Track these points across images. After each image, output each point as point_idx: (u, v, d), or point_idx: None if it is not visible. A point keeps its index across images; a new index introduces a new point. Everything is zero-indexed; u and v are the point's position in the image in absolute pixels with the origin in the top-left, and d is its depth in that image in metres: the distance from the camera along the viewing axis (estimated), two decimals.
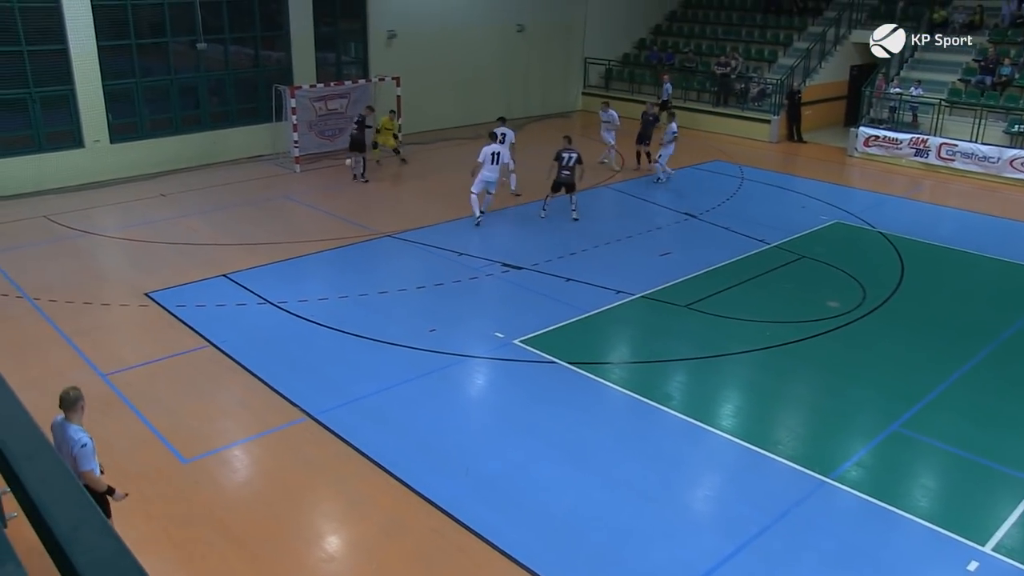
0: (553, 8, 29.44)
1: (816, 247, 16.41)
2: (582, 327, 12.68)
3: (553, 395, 10.68)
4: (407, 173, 21.45)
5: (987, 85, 23.79)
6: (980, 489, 9.05)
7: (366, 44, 25.07)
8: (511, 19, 28.33)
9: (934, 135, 23.23)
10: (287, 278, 14.34)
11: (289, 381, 10.86)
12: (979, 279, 15.44)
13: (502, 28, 28.16)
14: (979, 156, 22.15)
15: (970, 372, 11.59)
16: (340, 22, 24.65)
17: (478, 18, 27.33)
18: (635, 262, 15.44)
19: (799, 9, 30.44)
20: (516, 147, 19.25)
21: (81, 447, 6.83)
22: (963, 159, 22.47)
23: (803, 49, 27.80)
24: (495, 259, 15.33)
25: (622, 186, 20.68)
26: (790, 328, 12.73)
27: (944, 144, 22.80)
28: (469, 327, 12.65)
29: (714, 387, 11.19)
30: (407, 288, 13.98)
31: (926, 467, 9.55)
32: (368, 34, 24.95)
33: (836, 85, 28.56)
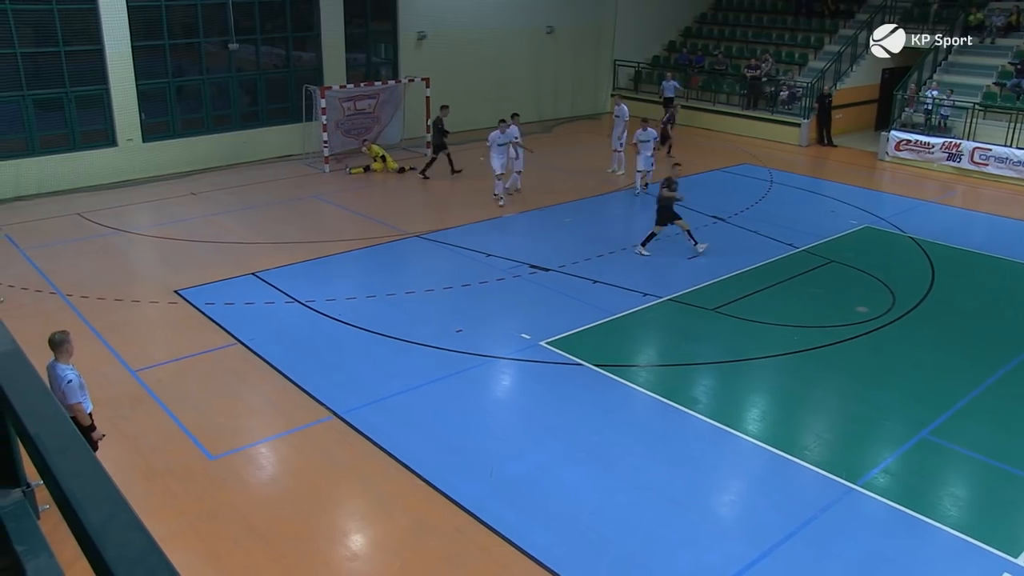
0: (582, 11, 29.42)
1: (845, 251, 16.27)
2: (608, 329, 12.65)
3: (579, 397, 10.66)
4: (435, 174, 21.51)
5: (1023, 89, 23.46)
6: (1012, 499, 8.91)
7: (396, 45, 25.19)
8: (541, 21, 28.35)
9: (967, 139, 22.95)
10: (315, 277, 14.43)
11: (316, 380, 10.92)
12: (1011, 286, 15.23)
13: (532, 30, 28.19)
14: (1014, 161, 21.86)
15: (1001, 380, 11.43)
16: (370, 23, 24.78)
17: (508, 20, 27.38)
18: (662, 265, 15.39)
19: (830, 12, 30.21)
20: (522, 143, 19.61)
21: (67, 383, 7.79)
22: (997, 164, 22.19)
23: (834, 52, 27.59)
24: (522, 260, 15.33)
25: (650, 188, 20.59)
26: (818, 333, 12.62)
27: (977, 148, 22.52)
28: (496, 328, 12.66)
29: (741, 391, 11.12)
30: (434, 288, 14.02)
31: (955, 475, 9.43)
32: (398, 35, 25.07)
33: (867, 89, 28.31)
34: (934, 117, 24.16)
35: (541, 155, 22.91)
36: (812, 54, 29.04)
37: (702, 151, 24.56)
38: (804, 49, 29.45)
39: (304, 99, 22.38)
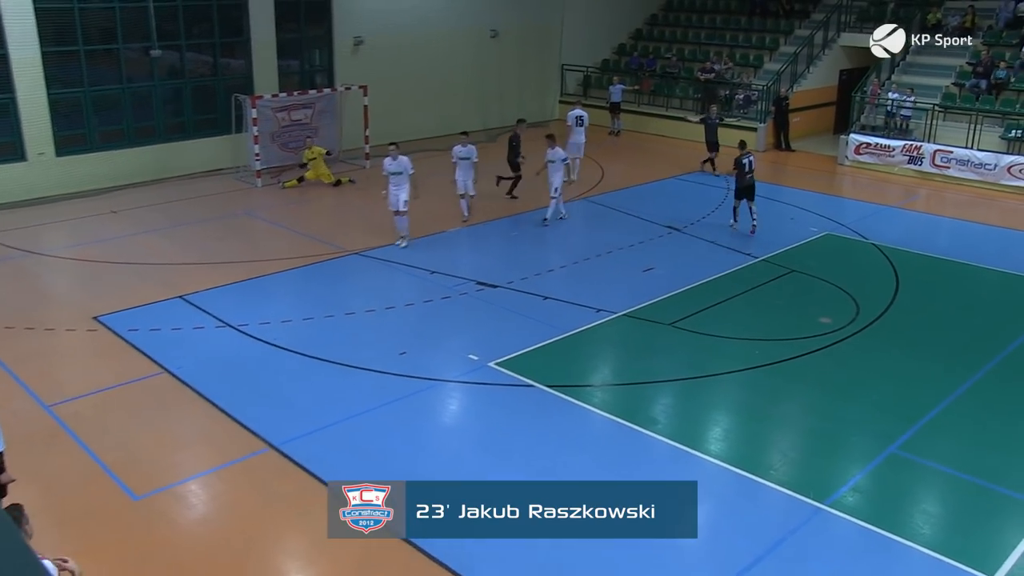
0: (528, 13, 29.56)
1: (806, 260, 16.47)
2: (561, 348, 12.63)
3: (531, 420, 10.60)
4: (376, 187, 21.34)
5: (982, 89, 24.06)
6: (986, 515, 9.04)
7: (331, 51, 25.04)
8: (485, 24, 28.42)
9: (928, 142, 23.45)
10: (248, 299, 14.21)
11: (250, 409, 10.71)
12: (978, 291, 15.54)
13: (475, 33, 28.23)
14: (975, 163, 22.37)
15: (971, 390, 11.62)
16: (304, 28, 24.60)
17: (450, 23, 27.38)
18: (616, 278, 15.43)
19: (786, 12, 30.74)
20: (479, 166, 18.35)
21: None
22: (959, 166, 22.69)
23: (790, 53, 28.05)
24: (469, 277, 15.27)
25: (601, 198, 20.70)
26: (780, 346, 12.73)
27: (939, 151, 23.02)
28: (442, 349, 12.57)
29: (702, 409, 11.15)
30: (375, 309, 13.89)
31: (927, 491, 9.54)
32: (333, 41, 24.92)
33: (825, 91, 28.82)
34: (895, 119, 24.67)
35: (486, 165, 22.88)
36: (767, 56, 29.49)
37: (655, 158, 24.75)
38: (759, 51, 29.91)
39: (234, 109, 22.10)
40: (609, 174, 22.91)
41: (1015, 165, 21.81)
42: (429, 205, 19.10)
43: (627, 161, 24.37)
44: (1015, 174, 21.81)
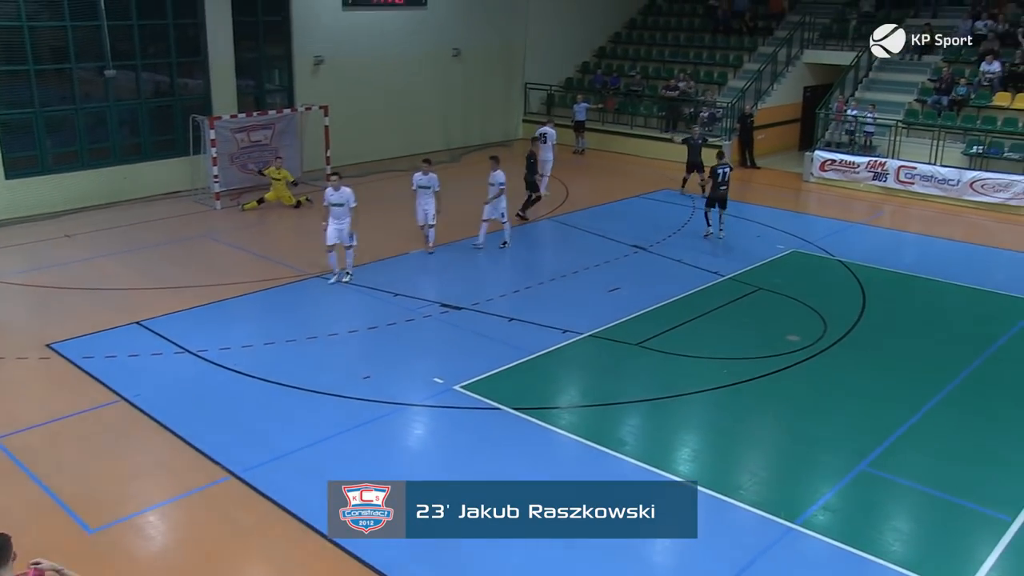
0: (491, 32, 29.72)
1: (773, 278, 16.63)
2: (527, 370, 12.64)
3: (498, 443, 10.59)
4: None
5: (943, 106, 24.52)
6: (955, 530, 9.15)
7: (291, 71, 25.00)
8: (447, 44, 28.53)
9: (892, 158, 23.84)
10: (208, 324, 14.10)
11: (211, 437, 10.61)
12: (944, 307, 15.77)
13: (437, 53, 28.32)
14: (939, 179, 22.75)
15: (939, 405, 11.78)
16: (263, 47, 24.57)
17: (411, 43, 27.46)
18: (582, 299, 15.48)
19: (749, 29, 31.18)
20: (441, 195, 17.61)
21: None
22: (923, 182, 23.06)
23: (754, 71, 28.44)
24: (432, 299, 15.26)
25: (565, 218, 20.80)
26: (748, 365, 12.83)
27: (903, 167, 23.40)
28: (406, 373, 12.54)
29: (670, 430, 11.20)
30: (338, 332, 13.83)
31: (898, 509, 9.64)
32: (293, 60, 24.89)
33: (789, 108, 29.23)
34: (859, 135, 25.05)
35: (449, 186, 22.93)
36: (731, 73, 29.87)
37: (620, 177, 24.92)
38: (723, 68, 30.28)
39: (191, 130, 21.98)
40: (574, 193, 23.03)
41: (977, 180, 22.22)
42: (392, 226, 19.11)
43: (592, 180, 24.51)
44: (978, 189, 22.21)
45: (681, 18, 33.65)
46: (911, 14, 28.53)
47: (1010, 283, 16.72)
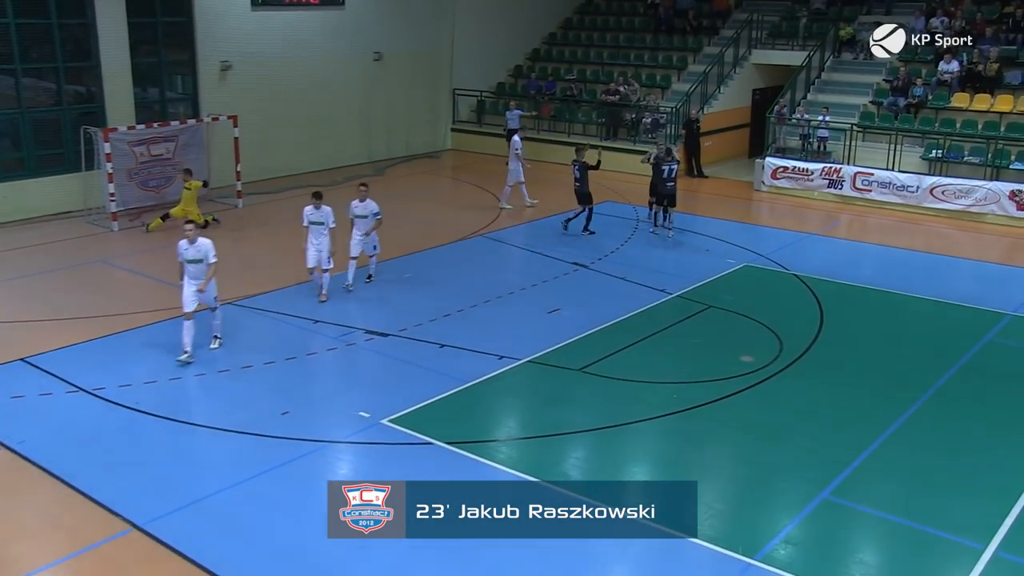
0: (415, 34, 29.81)
1: (724, 295, 16.85)
2: (461, 400, 12.61)
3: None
4: (250, 228, 21.11)
5: (900, 107, 25.17)
6: (925, 561, 9.30)
7: (195, 77, 24.79)
8: (367, 47, 28.52)
9: (848, 164, 24.36)
10: (105, 359, 13.84)
11: (109, 485, 10.36)
12: (906, 322, 16.10)
13: (357, 57, 28.30)
14: (897, 185, 23.32)
15: (904, 427, 12.00)
16: (163, 51, 24.31)
17: (328, 46, 27.41)
18: (519, 322, 15.53)
19: (693, 29, 31.66)
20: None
21: None
22: (880, 189, 23.62)
23: (699, 73, 28.88)
24: (357, 326, 15.17)
25: (500, 234, 20.87)
26: (700, 388, 12.95)
27: (859, 173, 23.93)
28: (329, 407, 12.46)
29: (618, 462, 11.24)
30: (253, 365, 13.66)
31: (862, 539, 9.77)
32: (197, 65, 24.68)
33: (738, 112, 29.75)
34: (812, 141, 25.55)
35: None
36: (675, 75, 30.32)
37: (557, 189, 25.02)
38: (666, 70, 30.71)
39: (83, 143, 21.61)
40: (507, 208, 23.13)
41: (937, 186, 22.83)
42: None
43: (527, 193, 24.61)
44: (938, 196, 22.81)
45: (620, 17, 34.07)
46: (864, 11, 29.31)
47: (974, 294, 17.16)
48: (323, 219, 15.84)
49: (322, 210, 15.86)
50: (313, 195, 16.10)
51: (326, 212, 15.85)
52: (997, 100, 24.50)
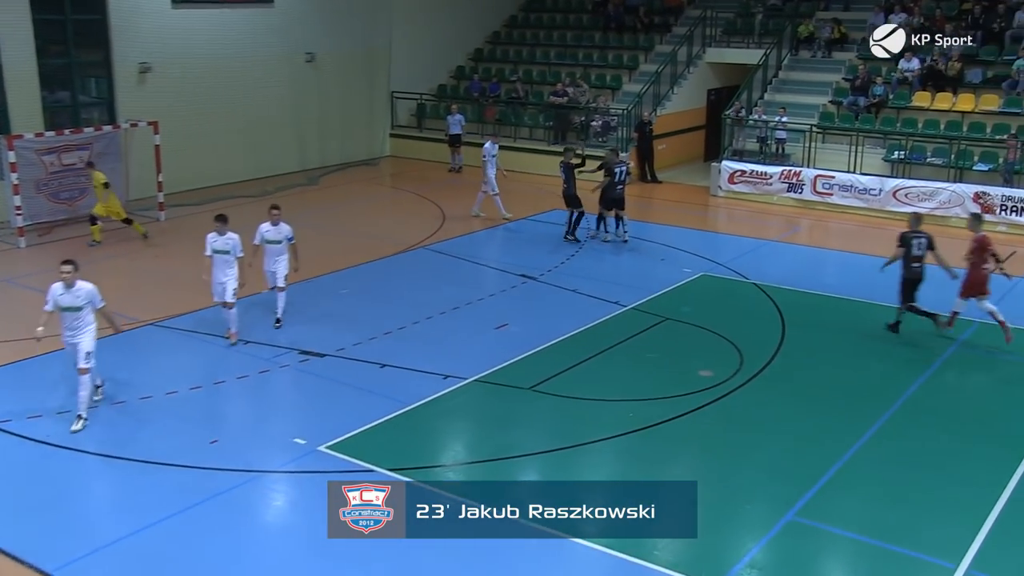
0: (350, 34, 29.72)
1: (681, 306, 16.94)
2: (405, 424, 12.53)
3: None
4: (173, 243, 20.81)
5: (860, 107, 25.53)
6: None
7: (111, 80, 24.49)
8: (298, 47, 28.39)
9: (808, 167, 24.65)
10: (11, 388, 13.62)
11: (13, 529, 10.12)
12: (872, 331, 16.23)
13: (288, 58, 28.16)
14: (859, 188, 23.63)
15: (871, 442, 12.10)
16: (74, 52, 23.98)
17: (256, 47, 27.23)
18: (465, 339, 15.49)
19: (644, 26, 31.89)
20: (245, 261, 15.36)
21: None
22: (842, 193, 23.92)
23: (651, 72, 29.07)
24: (290, 346, 15.03)
25: (443, 246, 20.81)
26: (657, 406, 12.98)
27: (820, 176, 24.22)
28: (262, 434, 12.33)
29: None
30: (178, 390, 13.47)
31: (831, 561, 9.85)
32: (113, 67, 24.38)
33: (692, 113, 30.01)
34: (770, 142, 25.81)
35: (307, 213, 22.75)
36: (626, 76, 30.52)
37: (503, 197, 25.05)
38: (616, 70, 30.91)
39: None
40: (451, 218, 23.10)
41: (900, 189, 23.17)
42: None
43: (468, 201, 24.56)
44: (901, 199, 23.13)
45: (568, 15, 34.27)
46: (821, 7, 29.74)
47: (940, 301, 17.35)
48: (228, 247, 14.77)
49: (228, 237, 14.79)
50: (216, 218, 14.98)
51: (232, 240, 14.79)
52: (959, 99, 24.97)
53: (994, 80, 25.07)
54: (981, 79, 25.19)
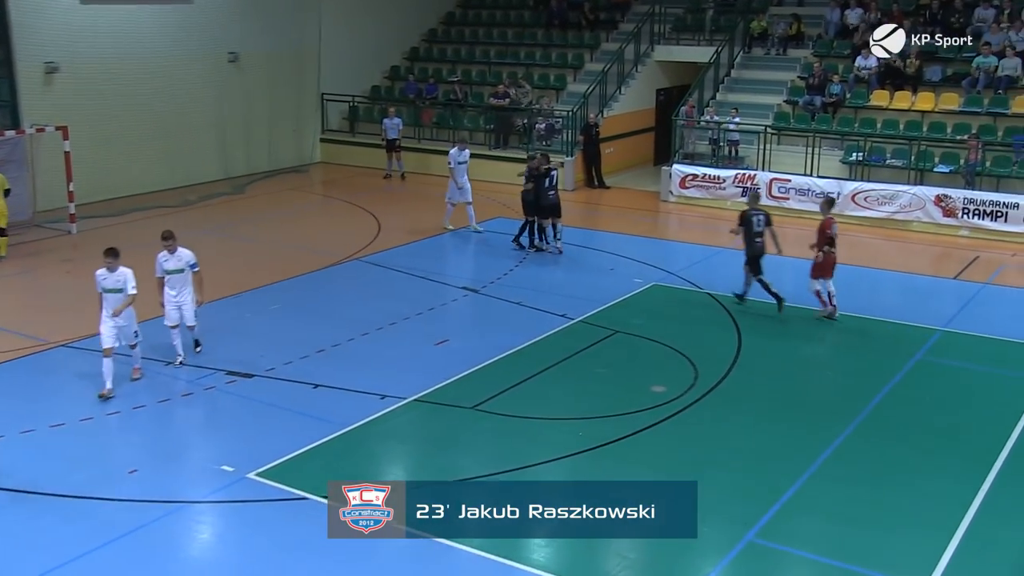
0: (275, 32, 29.61)
1: (631, 318, 17.05)
2: (340, 447, 12.49)
3: (310, 543, 10.34)
4: (86, 258, 20.52)
5: (817, 107, 25.89)
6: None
7: (13, 81, 24.09)
8: (220, 47, 28.22)
9: (762, 170, 24.92)
10: None
11: None
12: (831, 341, 16.50)
13: (209, 58, 27.97)
14: (816, 192, 23.88)
15: (832, 458, 12.24)
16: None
17: (175, 46, 27.02)
18: (403, 355, 15.49)
19: (589, 23, 32.09)
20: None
21: None
22: (798, 197, 24.22)
23: (597, 72, 29.25)
24: (215, 366, 14.91)
25: (379, 257, 20.78)
26: (608, 424, 13.03)
27: (775, 180, 24.51)
28: (185, 462, 12.25)
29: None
30: (93, 416, 13.31)
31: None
32: (15, 67, 24.02)
33: (641, 115, 30.23)
34: (723, 144, 26.08)
35: (232, 224, 22.60)
36: (571, 75, 30.70)
37: (440, 205, 25.09)
38: (560, 70, 31.08)
39: None
40: (387, 227, 23.05)
41: (859, 192, 23.52)
42: None
43: (407, 210, 24.61)
44: (860, 203, 23.49)
45: (508, 11, 34.41)
46: (774, 2, 30.13)
47: (902, 309, 17.71)
48: (120, 285, 13.70)
49: (118, 273, 13.70)
50: (106, 252, 13.85)
51: (123, 276, 13.69)
52: (918, 98, 25.41)
53: (954, 78, 25.57)
54: (941, 77, 25.67)
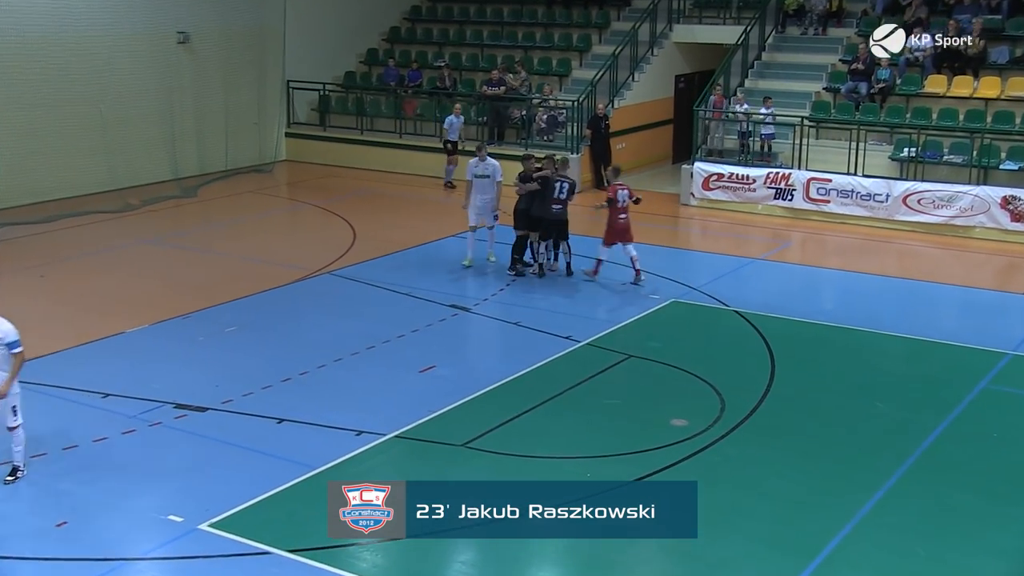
0: (232, 8, 29.60)
1: (647, 340, 17.07)
2: (307, 493, 12.42)
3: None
4: (5, 273, 20.53)
5: (862, 95, 25.81)
6: None
7: None
8: (168, 25, 28.21)
9: (799, 168, 24.86)
10: None
11: None
12: (879, 368, 16.42)
13: (154, 39, 27.93)
14: (862, 194, 23.86)
15: (881, 505, 12.17)
16: None
17: (113, 23, 26.94)
18: (382, 385, 15.48)
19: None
20: None
21: None
22: (840, 199, 24.16)
23: (607, 56, 29.22)
24: (163, 399, 14.89)
25: (355, 270, 20.79)
26: (619, 464, 13.00)
27: (813, 180, 24.46)
28: (126, 512, 12.15)
29: (518, 564, 11.18)
30: (16, 461, 13.25)
31: None
32: None
33: (658, 105, 30.21)
34: (754, 140, 26.00)
35: (181, 232, 22.58)
36: (577, 60, 30.69)
37: (429, 211, 25.10)
38: (564, 53, 31.05)
39: None
40: (363, 236, 23.03)
41: (912, 194, 23.43)
42: (98, 295, 18.59)
43: (385, 216, 24.60)
44: (912, 206, 23.40)
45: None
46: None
47: (964, 330, 17.63)
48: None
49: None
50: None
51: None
52: (981, 83, 25.32)
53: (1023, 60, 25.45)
54: (1008, 59, 25.50)
